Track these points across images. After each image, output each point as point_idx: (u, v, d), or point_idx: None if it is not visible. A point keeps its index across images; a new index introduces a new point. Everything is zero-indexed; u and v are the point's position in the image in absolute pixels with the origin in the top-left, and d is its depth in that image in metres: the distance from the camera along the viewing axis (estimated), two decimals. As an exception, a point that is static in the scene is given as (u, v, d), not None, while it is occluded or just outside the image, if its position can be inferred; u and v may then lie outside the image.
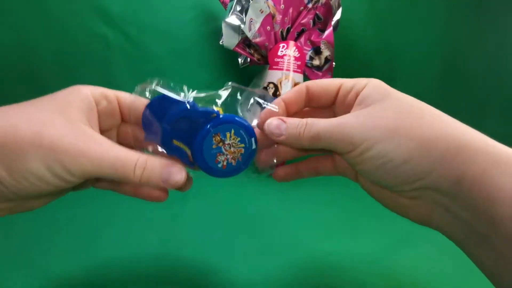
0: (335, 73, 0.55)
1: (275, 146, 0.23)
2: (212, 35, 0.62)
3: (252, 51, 0.52)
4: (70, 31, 0.57)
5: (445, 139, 0.16)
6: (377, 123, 0.17)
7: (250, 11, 0.46)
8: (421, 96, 0.70)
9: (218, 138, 0.20)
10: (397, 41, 0.73)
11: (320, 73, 0.55)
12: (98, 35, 0.59)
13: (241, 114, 0.23)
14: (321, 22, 0.54)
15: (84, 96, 0.19)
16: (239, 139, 0.21)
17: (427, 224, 0.19)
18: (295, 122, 0.20)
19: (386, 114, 0.18)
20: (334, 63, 0.53)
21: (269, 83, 0.52)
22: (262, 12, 0.48)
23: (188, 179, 0.20)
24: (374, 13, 0.70)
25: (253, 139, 0.22)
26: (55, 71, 0.58)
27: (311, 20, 0.53)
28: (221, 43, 0.50)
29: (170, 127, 0.20)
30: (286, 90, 0.51)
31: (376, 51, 0.73)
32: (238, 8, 0.48)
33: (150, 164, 0.18)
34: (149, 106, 0.21)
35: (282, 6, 0.51)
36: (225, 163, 0.21)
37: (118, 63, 0.61)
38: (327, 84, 0.22)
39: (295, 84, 0.52)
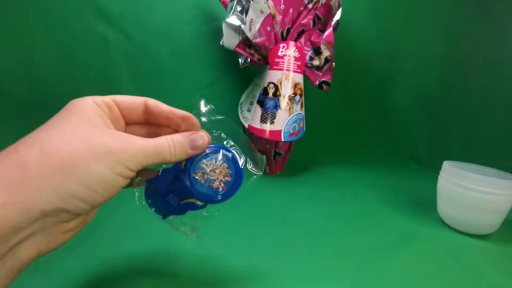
0: (335, 73, 0.55)
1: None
2: (212, 35, 0.62)
3: (252, 51, 0.52)
4: (70, 31, 0.57)
5: None
6: None
7: (250, 11, 0.46)
8: (421, 96, 0.70)
9: (200, 173, 0.23)
10: (397, 41, 0.73)
11: (320, 73, 0.55)
12: (98, 35, 0.59)
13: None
14: (321, 23, 0.54)
15: (91, 105, 0.20)
16: (213, 161, 0.23)
17: None
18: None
19: None
20: (334, 63, 0.53)
21: (269, 83, 0.52)
22: (262, 13, 0.48)
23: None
24: (374, 13, 0.70)
25: (223, 150, 0.23)
26: (56, 71, 0.58)
27: (311, 21, 0.53)
28: (221, 43, 0.50)
29: (168, 200, 0.23)
30: (286, 90, 0.51)
31: (376, 51, 0.73)
32: (239, 9, 0.48)
33: (176, 141, 0.21)
34: (146, 196, 0.23)
35: (282, 6, 0.51)
36: (222, 184, 0.23)
37: (118, 63, 0.61)
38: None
39: (295, 84, 0.52)
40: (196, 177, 0.23)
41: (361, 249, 0.34)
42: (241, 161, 0.24)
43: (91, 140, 0.18)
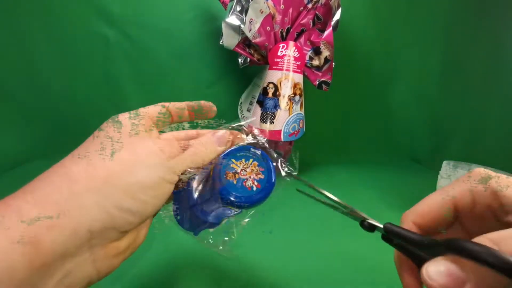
0: (335, 73, 0.55)
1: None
2: (212, 35, 0.62)
3: (252, 51, 0.52)
4: (70, 31, 0.58)
5: None
6: None
7: (250, 11, 0.46)
8: (421, 96, 0.70)
9: (231, 174, 0.21)
10: (397, 41, 0.73)
11: (320, 73, 0.55)
12: (99, 35, 0.59)
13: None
14: (320, 23, 0.54)
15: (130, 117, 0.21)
16: (243, 160, 0.22)
17: None
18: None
19: None
20: (333, 63, 0.54)
21: (269, 83, 0.52)
22: (262, 12, 0.48)
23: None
24: (374, 13, 0.70)
25: (251, 149, 0.22)
26: (56, 71, 0.58)
27: (310, 21, 0.53)
28: (221, 43, 0.50)
29: (199, 210, 0.21)
30: (286, 90, 0.51)
31: (375, 51, 0.73)
32: (238, 8, 0.48)
33: (205, 141, 0.21)
34: (174, 212, 0.21)
35: (282, 6, 0.51)
36: (255, 183, 0.22)
37: (118, 63, 0.61)
38: (427, 205, 0.18)
39: (295, 84, 0.52)
40: (228, 178, 0.21)
41: (360, 249, 0.34)
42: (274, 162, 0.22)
43: (135, 148, 0.18)
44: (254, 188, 0.21)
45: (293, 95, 0.52)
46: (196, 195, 0.21)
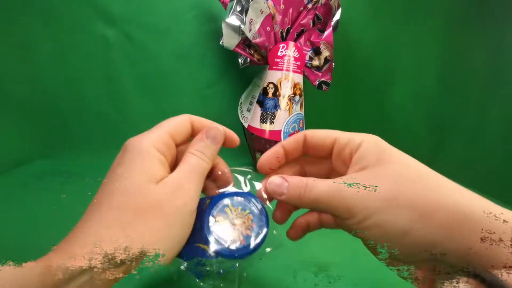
0: (335, 74, 0.55)
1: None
2: (212, 35, 0.62)
3: (252, 52, 0.52)
4: (71, 31, 0.58)
5: (445, 209, 0.15)
6: (374, 192, 0.17)
7: (250, 11, 0.46)
8: (421, 96, 0.71)
9: (221, 217, 0.20)
10: (397, 42, 0.73)
11: (320, 73, 0.55)
12: (99, 35, 0.59)
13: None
14: (320, 23, 0.54)
15: (152, 154, 0.19)
16: (240, 208, 0.20)
17: None
18: (296, 182, 0.19)
19: (382, 181, 0.17)
20: (333, 64, 0.54)
21: (269, 83, 0.52)
22: (262, 13, 0.48)
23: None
24: (374, 13, 0.70)
25: (253, 200, 0.21)
26: (56, 71, 0.58)
27: (310, 21, 0.54)
28: (221, 44, 0.50)
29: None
30: (286, 90, 0.52)
31: (375, 52, 0.73)
32: (238, 9, 0.48)
33: (200, 147, 0.21)
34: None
35: (282, 6, 0.51)
36: (241, 238, 0.19)
37: (118, 63, 0.61)
38: (323, 136, 0.21)
39: (295, 84, 0.52)
40: (216, 219, 0.20)
41: (359, 250, 0.34)
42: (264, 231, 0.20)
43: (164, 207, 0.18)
44: (238, 243, 0.19)
45: (293, 95, 0.52)
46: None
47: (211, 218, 0.20)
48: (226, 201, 0.20)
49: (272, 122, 0.51)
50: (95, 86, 0.61)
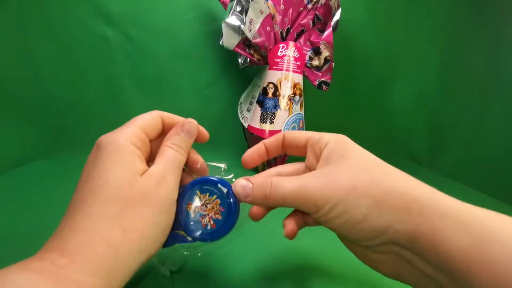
0: (335, 74, 0.55)
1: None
2: (212, 35, 0.62)
3: (252, 52, 0.53)
4: (70, 31, 0.58)
5: (396, 195, 0.17)
6: (336, 184, 0.18)
7: (250, 11, 0.46)
8: (421, 97, 0.71)
9: (191, 205, 0.21)
10: (397, 42, 0.73)
11: (320, 73, 0.55)
12: (99, 35, 0.59)
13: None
14: (320, 23, 0.54)
15: (129, 149, 0.20)
16: (207, 194, 0.21)
17: (397, 279, 0.19)
18: (260, 183, 0.20)
19: (343, 174, 0.19)
20: (333, 64, 0.54)
21: (269, 83, 0.52)
22: (262, 13, 0.48)
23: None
24: (374, 13, 0.70)
25: (219, 184, 0.22)
26: (56, 71, 0.58)
27: (310, 21, 0.54)
28: (221, 44, 0.50)
29: None
30: (286, 90, 0.52)
31: (375, 52, 0.73)
32: (238, 9, 0.48)
33: (170, 135, 0.23)
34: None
35: (282, 6, 0.51)
36: (211, 222, 0.21)
37: (118, 63, 0.61)
38: (297, 136, 0.24)
39: (295, 84, 0.52)
40: (188, 208, 0.21)
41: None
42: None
43: (150, 202, 0.19)
44: (209, 227, 0.21)
45: (293, 95, 0.52)
46: None
47: (184, 207, 0.21)
48: (195, 188, 0.22)
49: (272, 122, 0.51)
50: (95, 86, 0.61)
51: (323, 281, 0.28)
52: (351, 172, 0.19)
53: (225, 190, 0.21)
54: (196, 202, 0.21)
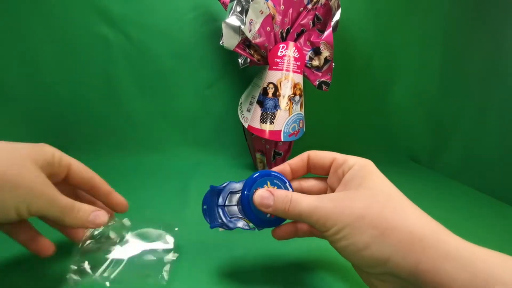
0: (335, 74, 0.55)
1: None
2: (212, 35, 0.62)
3: (252, 52, 0.53)
4: (71, 31, 0.58)
5: (401, 231, 0.18)
6: (347, 210, 0.20)
7: (250, 12, 0.47)
8: (421, 96, 0.71)
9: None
10: (397, 42, 0.73)
11: (320, 73, 0.55)
12: (99, 35, 0.59)
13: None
14: (320, 23, 0.54)
15: (49, 153, 0.23)
16: (275, 187, 0.24)
17: None
18: (281, 196, 0.22)
19: (356, 203, 0.20)
20: (333, 64, 0.54)
21: (269, 83, 0.52)
22: (262, 13, 0.48)
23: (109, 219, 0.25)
24: (374, 13, 0.70)
25: (287, 184, 0.25)
26: (56, 72, 0.59)
27: (310, 21, 0.54)
28: (221, 44, 0.50)
29: (224, 211, 0.25)
30: (286, 90, 0.52)
31: (375, 52, 0.73)
32: (238, 9, 0.48)
33: (83, 209, 0.23)
34: (204, 201, 0.26)
35: (282, 7, 0.51)
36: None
37: (118, 64, 0.61)
38: (323, 156, 0.25)
39: (295, 85, 0.52)
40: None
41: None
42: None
43: (9, 169, 0.20)
44: (268, 215, 0.24)
45: (293, 95, 0.52)
46: (224, 199, 0.25)
47: (251, 195, 0.24)
48: (266, 179, 0.24)
49: (272, 122, 0.51)
50: (95, 86, 0.61)
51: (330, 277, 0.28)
52: (364, 202, 0.20)
53: (290, 189, 0.24)
54: None
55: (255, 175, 0.24)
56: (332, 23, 0.52)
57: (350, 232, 0.19)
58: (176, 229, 0.29)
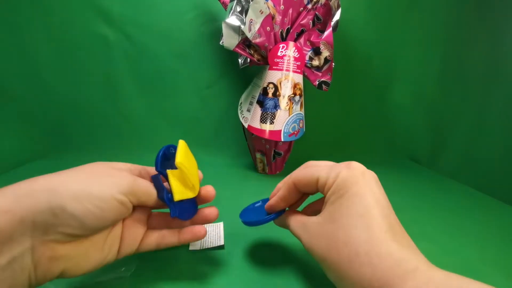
0: (335, 74, 0.55)
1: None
2: (212, 35, 0.62)
3: (252, 52, 0.53)
4: (71, 31, 0.58)
5: (357, 247, 0.19)
6: (315, 248, 0.22)
7: (250, 11, 0.46)
8: (421, 96, 0.70)
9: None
10: (396, 42, 0.73)
11: (320, 73, 0.55)
12: (99, 35, 0.59)
13: None
14: (320, 23, 0.54)
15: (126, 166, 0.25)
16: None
17: None
18: (281, 219, 0.27)
19: (322, 241, 0.21)
20: (333, 64, 0.54)
21: (269, 83, 0.52)
22: (262, 13, 0.48)
23: None
24: (373, 13, 0.70)
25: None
26: (56, 71, 0.59)
27: (310, 21, 0.54)
28: (221, 44, 0.50)
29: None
30: (286, 90, 0.52)
31: (375, 52, 0.73)
32: (238, 9, 0.48)
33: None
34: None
35: (282, 7, 0.51)
36: None
37: (118, 63, 0.61)
38: (308, 179, 0.24)
39: (295, 84, 0.52)
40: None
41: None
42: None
43: (95, 166, 0.22)
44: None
45: (293, 95, 0.52)
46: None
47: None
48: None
49: (272, 122, 0.51)
50: (95, 86, 0.61)
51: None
52: (325, 241, 0.21)
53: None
54: None
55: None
56: (332, 23, 0.52)
57: (313, 243, 0.22)
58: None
